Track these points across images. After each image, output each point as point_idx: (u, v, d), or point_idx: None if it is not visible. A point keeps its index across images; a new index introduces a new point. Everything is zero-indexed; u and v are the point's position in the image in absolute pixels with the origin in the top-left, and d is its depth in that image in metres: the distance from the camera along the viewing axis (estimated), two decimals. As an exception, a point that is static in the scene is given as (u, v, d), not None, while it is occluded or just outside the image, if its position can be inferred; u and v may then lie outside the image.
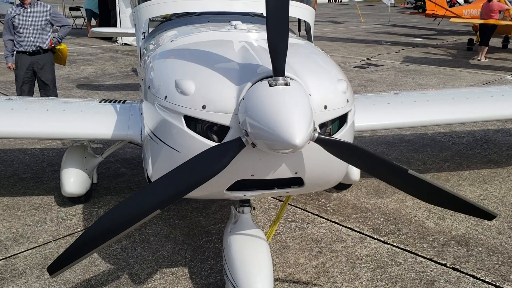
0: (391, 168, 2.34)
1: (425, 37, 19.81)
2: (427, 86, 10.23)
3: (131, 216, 2.22)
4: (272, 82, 2.09)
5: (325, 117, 2.33)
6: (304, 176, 2.43)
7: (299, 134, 1.94)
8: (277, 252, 3.77)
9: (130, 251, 3.76)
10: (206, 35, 3.10)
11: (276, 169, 2.33)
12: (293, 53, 2.59)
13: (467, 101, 4.43)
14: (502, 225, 4.26)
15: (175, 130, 2.38)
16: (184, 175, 2.16)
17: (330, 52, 15.15)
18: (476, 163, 5.73)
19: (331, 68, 2.61)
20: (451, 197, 2.46)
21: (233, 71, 2.32)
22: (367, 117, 4.19)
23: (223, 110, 2.24)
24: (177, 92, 2.35)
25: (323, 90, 2.35)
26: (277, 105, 1.99)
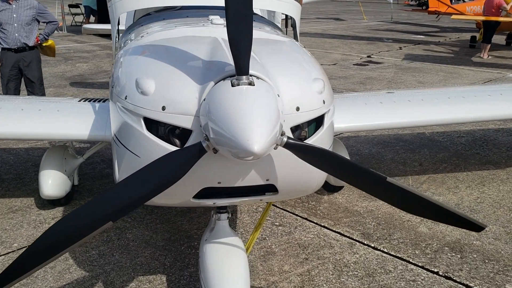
0: (368, 176, 2.16)
1: (427, 34, 19.54)
2: (427, 84, 10.02)
3: (79, 230, 2.03)
4: (234, 82, 1.91)
5: (297, 120, 2.16)
6: (277, 183, 2.26)
7: (258, 140, 1.75)
8: (261, 259, 3.60)
9: (107, 257, 3.60)
10: (179, 31, 2.92)
11: (244, 176, 2.16)
12: (268, 50, 2.41)
13: (463, 101, 4.23)
14: (499, 230, 4.07)
15: (135, 133, 2.20)
16: (138, 183, 1.98)
17: (330, 49, 14.96)
18: (475, 164, 5.54)
19: (308, 67, 2.43)
20: (435, 207, 2.27)
21: (197, 69, 2.14)
22: (358, 117, 4.02)
23: (184, 112, 2.06)
24: (137, 92, 2.18)
25: (295, 90, 2.17)
26: (237, 107, 1.82)
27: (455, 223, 2.42)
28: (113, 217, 2.01)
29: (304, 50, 2.74)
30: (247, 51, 1.90)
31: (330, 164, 2.12)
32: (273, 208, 4.41)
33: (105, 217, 1.99)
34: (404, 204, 2.31)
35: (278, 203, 4.48)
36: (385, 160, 5.64)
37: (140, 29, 3.47)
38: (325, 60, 12.84)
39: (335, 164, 2.12)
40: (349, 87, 9.57)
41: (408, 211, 2.49)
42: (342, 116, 3.95)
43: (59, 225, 2.05)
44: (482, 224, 2.40)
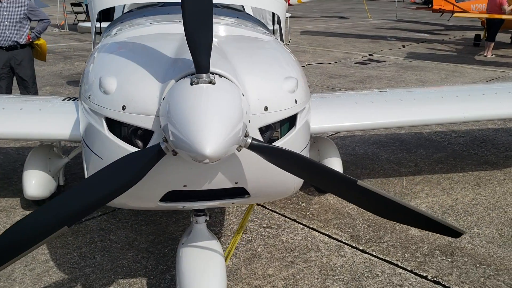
0: (338, 179, 2.06)
1: (432, 33, 19.36)
2: (428, 82, 9.89)
3: (31, 236, 1.94)
4: (193, 80, 1.82)
5: (266, 120, 2.06)
6: (247, 186, 2.17)
7: (211, 142, 1.66)
8: (245, 262, 3.51)
9: (88, 259, 3.52)
10: (153, 28, 2.83)
11: (211, 179, 2.07)
12: (240, 48, 2.33)
13: (456, 100, 4.12)
14: (492, 233, 3.96)
15: (98, 134, 2.12)
16: (94, 186, 1.90)
17: (332, 47, 14.84)
18: (471, 165, 5.42)
19: (281, 65, 2.33)
20: (409, 212, 2.17)
21: (160, 67, 2.06)
22: (348, 116, 3.92)
23: (144, 111, 1.98)
24: (100, 91, 2.10)
25: (263, 89, 2.08)
26: (192, 107, 1.73)
27: (432, 228, 2.31)
28: (68, 222, 1.92)
29: (282, 48, 2.65)
30: (206, 48, 1.81)
31: (298, 167, 2.03)
32: (262, 209, 4.33)
33: (60, 223, 1.91)
34: (376, 208, 2.21)
35: (267, 204, 4.40)
36: (380, 160, 5.54)
37: (119, 26, 3.40)
38: (326, 59, 12.73)
39: (303, 167, 2.03)
40: (348, 86, 9.46)
41: (381, 216, 2.39)
42: (332, 115, 3.88)
43: (9, 231, 1.96)
44: (460, 230, 2.30)
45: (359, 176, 5.06)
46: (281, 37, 3.96)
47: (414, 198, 4.56)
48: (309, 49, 14.56)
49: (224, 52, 2.18)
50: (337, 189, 2.15)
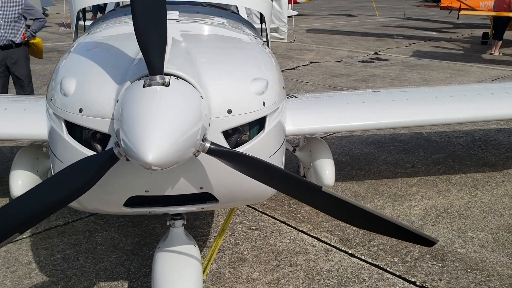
0: (302, 186, 1.99)
1: (440, 31, 19.13)
2: (432, 81, 9.75)
3: None
4: (146, 82, 1.75)
5: (229, 123, 1.99)
6: (213, 191, 2.10)
7: (154, 149, 1.58)
8: (230, 266, 3.45)
9: (72, 261, 3.48)
10: (124, 28, 2.76)
11: (173, 185, 2.01)
12: (207, 48, 2.26)
13: (451, 100, 4.01)
14: (486, 237, 3.86)
15: (58, 137, 2.07)
16: (46, 191, 1.84)
17: (337, 46, 14.70)
18: (470, 166, 5.30)
19: (251, 66, 2.25)
20: (378, 220, 2.08)
21: (120, 68, 1.99)
22: (338, 117, 3.83)
23: (100, 114, 1.92)
24: (60, 93, 2.05)
25: (227, 91, 2.01)
26: (141, 110, 1.66)
27: (403, 237, 2.23)
28: (20, 229, 1.87)
29: (259, 48, 2.57)
30: (159, 48, 1.74)
31: (260, 172, 1.95)
32: (252, 211, 4.27)
33: (11, 229, 1.85)
34: (343, 215, 2.13)
35: (257, 205, 4.33)
36: (377, 161, 5.44)
37: (98, 25, 3.34)
38: (330, 57, 12.61)
39: (265, 172, 1.95)
40: (351, 85, 9.35)
41: (348, 223, 2.31)
42: (321, 116, 3.79)
43: None
44: (432, 239, 2.21)
45: (354, 178, 4.97)
46: (266, 36, 3.88)
47: (408, 200, 4.47)
48: (314, 47, 14.45)
49: (188, 52, 2.11)
50: (302, 195, 2.07)
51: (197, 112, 1.76)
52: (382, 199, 4.48)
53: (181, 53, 2.09)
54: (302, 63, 11.71)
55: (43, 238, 3.79)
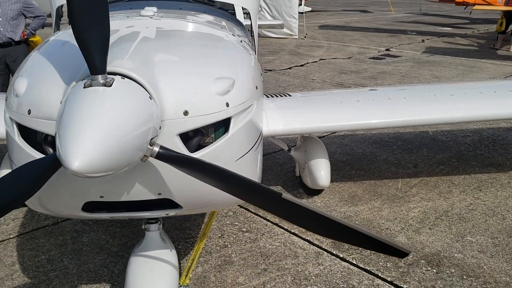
0: (261, 192, 1.87)
1: (455, 26, 18.75)
2: (443, 78, 9.52)
3: None
4: (87, 82, 1.66)
5: (186, 126, 1.88)
6: (174, 197, 2.00)
7: (81, 156, 1.47)
8: (216, 269, 3.35)
9: (55, 263, 3.43)
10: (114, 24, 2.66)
11: (129, 190, 1.91)
12: (169, 44, 2.16)
13: (450, 99, 3.85)
14: (486, 242, 3.70)
15: (11, 140, 2.00)
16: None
17: (348, 42, 14.49)
18: (475, 167, 5.12)
19: (216, 64, 2.13)
20: (342, 228, 1.95)
21: (72, 68, 1.89)
22: (331, 116, 3.71)
23: (48, 116, 1.82)
24: (13, 94, 1.97)
25: (183, 91, 1.89)
26: (75, 112, 1.56)
27: (371, 247, 2.09)
28: None
29: (233, 45, 2.46)
30: (100, 46, 1.64)
31: (215, 178, 1.84)
32: (244, 212, 4.17)
33: None
34: (305, 223, 2.01)
35: (250, 206, 4.23)
36: (378, 161, 5.30)
37: None
38: (340, 54, 12.43)
39: (220, 178, 1.84)
40: (359, 82, 9.18)
41: (311, 231, 2.18)
42: (313, 115, 3.68)
43: None
44: (405, 250, 2.07)
45: (352, 178, 4.84)
46: (252, 33, 3.77)
47: (407, 202, 4.32)
48: (325, 43, 14.27)
49: (148, 50, 2.01)
50: (262, 202, 1.96)
51: (142, 114, 1.65)
52: (379, 201, 4.34)
53: (137, 51, 1.99)
54: (311, 60, 11.55)
55: (29, 239, 3.74)
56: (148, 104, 1.72)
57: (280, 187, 4.63)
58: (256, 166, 2.41)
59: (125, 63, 1.81)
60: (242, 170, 2.07)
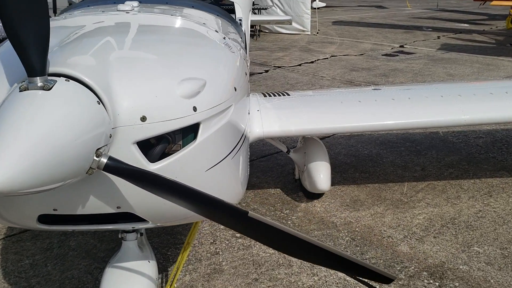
0: (225, 210, 1.69)
1: (473, 23, 18.31)
2: (457, 76, 9.21)
3: None
4: (23, 85, 1.49)
5: (144, 133, 1.68)
6: (134, 211, 1.83)
7: (0, 170, 1.32)
8: (204, 278, 3.19)
9: (39, 268, 3.29)
10: (70, 21, 2.49)
11: (84, 204, 1.75)
12: (135, 42, 1.98)
13: (458, 100, 3.62)
14: (494, 253, 3.47)
15: None
16: None
17: (362, 38, 14.20)
18: (486, 170, 4.87)
19: (185, 64, 1.93)
20: (316, 250, 1.75)
21: (17, 68, 1.72)
22: (330, 117, 3.52)
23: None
24: None
25: (141, 95, 1.70)
26: (4, 121, 1.39)
27: (349, 270, 1.88)
28: None
29: (211, 43, 2.27)
30: (38, 44, 1.47)
31: (171, 193, 1.66)
32: (240, 216, 3.98)
33: None
34: (275, 244, 1.81)
35: (246, 209, 4.04)
36: (384, 163, 5.07)
37: (58, 17, 3.10)
38: (353, 50, 12.16)
39: (178, 194, 1.66)
40: (369, 80, 8.93)
41: (281, 251, 1.98)
42: (311, 116, 3.50)
43: None
44: (390, 276, 1.86)
45: (356, 181, 4.63)
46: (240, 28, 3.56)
47: (412, 208, 4.10)
48: (337, 40, 14.00)
49: (101, 48, 1.84)
50: (225, 220, 1.77)
51: (85, 120, 1.47)
52: (382, 206, 4.13)
53: (94, 49, 1.82)
54: (322, 57, 11.31)
55: (15, 241, 3.62)
56: (95, 109, 1.54)
57: (280, 189, 4.44)
58: (236, 175, 2.23)
59: (72, 62, 1.64)
60: (216, 180, 1.89)
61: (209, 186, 1.84)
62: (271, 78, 9.08)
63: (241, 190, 2.41)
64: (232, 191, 2.22)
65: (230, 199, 2.23)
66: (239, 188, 2.33)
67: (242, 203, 4.19)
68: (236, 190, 2.29)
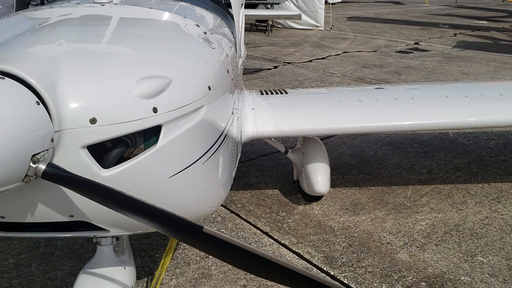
0: (177, 224, 1.53)
1: (492, 20, 17.88)
2: (472, 75, 8.95)
3: None
4: None
5: (94, 136, 1.54)
6: (89, 219, 1.69)
7: None
8: (191, 283, 3.06)
9: (22, 268, 3.20)
10: (41, 12, 2.36)
11: (32, 211, 1.62)
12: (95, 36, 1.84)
13: (464, 101, 3.43)
14: (499, 264, 3.28)
15: None
16: None
17: (376, 35, 13.94)
18: (496, 174, 4.66)
19: (146, 61, 1.77)
20: (269, 264, 1.56)
21: None
22: (327, 117, 3.36)
23: None
24: None
25: (91, 94, 1.56)
26: None
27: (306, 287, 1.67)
28: None
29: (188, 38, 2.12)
30: None
31: (117, 204, 1.52)
32: (234, 218, 3.86)
33: None
34: (229, 258, 1.64)
35: (241, 211, 3.92)
36: (389, 165, 4.89)
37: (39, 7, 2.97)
38: (366, 47, 11.93)
39: (124, 205, 1.51)
40: (380, 77, 8.71)
41: (237, 267, 1.81)
42: (307, 116, 3.35)
43: None
44: None
45: (358, 183, 4.46)
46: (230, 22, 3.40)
47: (415, 213, 3.92)
48: (351, 36, 13.75)
49: (54, 43, 1.71)
50: (180, 235, 1.62)
51: (18, 123, 1.34)
52: (384, 210, 3.96)
53: (44, 44, 1.69)
54: (334, 53, 11.11)
55: (2, 239, 3.53)
56: (31, 110, 1.41)
57: (278, 190, 4.29)
58: (215, 177, 2.09)
59: (14, 58, 1.51)
60: (185, 185, 1.75)
61: (176, 192, 1.71)
62: (280, 74, 8.91)
63: (223, 192, 2.28)
64: (209, 195, 2.09)
65: (207, 203, 2.10)
66: (219, 191, 2.19)
67: (237, 204, 4.05)
68: (215, 193, 2.15)
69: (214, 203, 2.15)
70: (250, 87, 7.89)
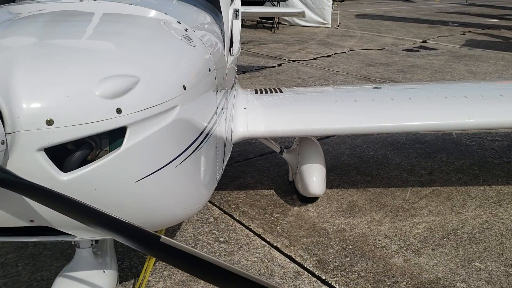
0: (133, 233, 1.46)
1: (503, 18, 17.63)
2: (479, 74, 8.80)
3: None
4: None
5: (51, 138, 1.46)
6: (51, 225, 1.63)
7: None
8: (178, 286, 2.99)
9: (9, 268, 3.16)
10: (16, 8, 2.31)
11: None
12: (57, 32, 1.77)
13: (463, 102, 3.33)
14: (497, 269, 3.18)
15: None
16: None
17: (383, 32, 13.78)
18: (498, 177, 4.54)
19: (112, 59, 1.71)
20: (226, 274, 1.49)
21: None
22: (321, 117, 3.28)
23: None
24: None
25: (48, 94, 1.48)
26: None
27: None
28: None
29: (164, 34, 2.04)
30: None
31: (71, 212, 1.45)
32: (227, 218, 3.79)
33: None
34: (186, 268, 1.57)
35: (234, 212, 3.85)
36: (389, 166, 4.79)
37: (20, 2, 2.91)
38: (372, 45, 11.80)
39: (76, 212, 1.44)
40: (386, 76, 8.59)
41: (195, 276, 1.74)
42: (300, 116, 3.27)
43: None
44: None
45: (356, 185, 4.36)
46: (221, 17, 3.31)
47: (413, 216, 3.82)
48: (358, 33, 13.62)
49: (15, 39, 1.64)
50: (138, 244, 1.55)
51: None
52: (381, 213, 3.87)
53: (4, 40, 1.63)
54: (340, 51, 10.99)
55: (-9, 238, 3.49)
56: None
57: (273, 191, 4.22)
58: (195, 179, 2.01)
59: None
60: (153, 190, 1.68)
61: (147, 196, 1.64)
62: (283, 72, 8.83)
63: (205, 193, 2.21)
64: (189, 197, 2.02)
65: (187, 205, 2.03)
66: (200, 193, 2.13)
67: (231, 204, 3.98)
68: (195, 195, 2.09)
69: (194, 205, 2.09)
70: (252, 85, 7.81)
